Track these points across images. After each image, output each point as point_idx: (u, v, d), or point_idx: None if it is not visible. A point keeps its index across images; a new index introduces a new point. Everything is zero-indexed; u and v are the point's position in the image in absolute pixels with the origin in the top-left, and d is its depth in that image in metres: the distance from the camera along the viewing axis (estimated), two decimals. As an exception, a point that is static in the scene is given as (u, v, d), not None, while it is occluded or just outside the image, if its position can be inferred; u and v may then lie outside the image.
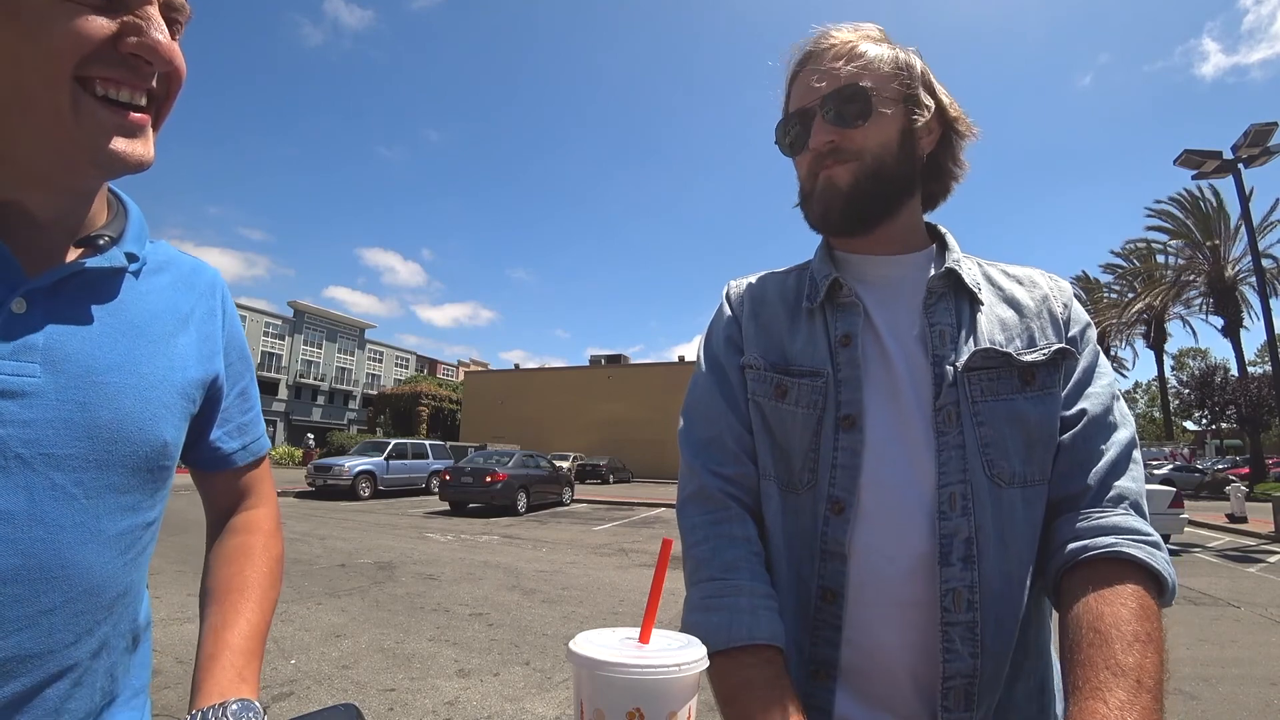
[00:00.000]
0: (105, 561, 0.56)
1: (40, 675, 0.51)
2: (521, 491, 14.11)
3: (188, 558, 7.13)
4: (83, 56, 0.48)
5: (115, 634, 0.59)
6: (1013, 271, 0.80)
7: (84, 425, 0.53)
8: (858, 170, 0.73)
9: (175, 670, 3.71)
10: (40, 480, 0.51)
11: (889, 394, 0.71)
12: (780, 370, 0.75)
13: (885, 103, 0.72)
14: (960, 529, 0.65)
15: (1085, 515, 0.65)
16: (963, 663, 0.63)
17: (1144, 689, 0.51)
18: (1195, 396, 27.46)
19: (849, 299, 0.75)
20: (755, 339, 0.79)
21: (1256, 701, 3.65)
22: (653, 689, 0.52)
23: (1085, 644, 0.55)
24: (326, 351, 60.01)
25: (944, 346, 0.70)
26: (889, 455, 0.69)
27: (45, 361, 0.52)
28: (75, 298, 0.56)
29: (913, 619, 0.66)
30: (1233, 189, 11.89)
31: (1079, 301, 0.78)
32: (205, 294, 0.69)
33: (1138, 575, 0.60)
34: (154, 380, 0.59)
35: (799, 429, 0.72)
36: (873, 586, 0.67)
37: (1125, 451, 0.68)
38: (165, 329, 0.63)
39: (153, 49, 0.51)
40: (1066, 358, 0.70)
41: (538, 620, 5.14)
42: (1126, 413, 0.72)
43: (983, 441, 0.67)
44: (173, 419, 0.62)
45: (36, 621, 0.51)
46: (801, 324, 0.77)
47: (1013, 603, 0.65)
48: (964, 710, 0.63)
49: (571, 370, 44.68)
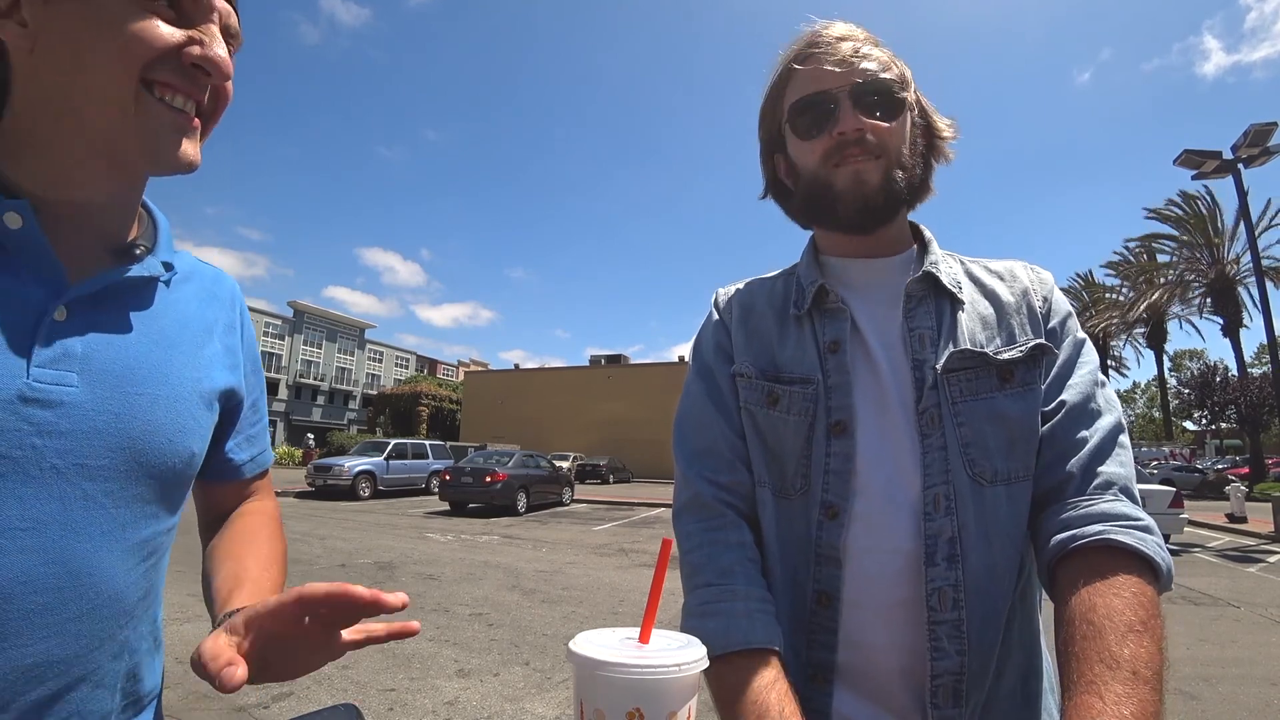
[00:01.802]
0: (130, 568, 0.56)
1: (65, 680, 0.52)
2: (521, 491, 14.10)
3: (188, 558, 7.08)
4: (150, 59, 0.52)
5: (136, 636, 0.60)
6: (994, 267, 0.80)
7: (117, 436, 0.54)
8: (886, 168, 0.72)
9: (175, 670, 3.71)
10: (73, 490, 0.52)
11: (877, 399, 0.72)
12: (771, 378, 0.76)
13: (907, 102, 0.73)
14: (944, 529, 0.66)
15: (1073, 504, 0.64)
16: (950, 660, 0.64)
17: (1140, 680, 0.51)
18: (1195, 396, 27.46)
19: (836, 305, 0.76)
20: (745, 346, 0.79)
21: (1256, 701, 3.65)
22: (653, 689, 0.52)
23: (1079, 636, 0.55)
24: (326, 351, 60.01)
25: (924, 350, 0.71)
26: (879, 459, 0.70)
27: (83, 371, 0.53)
28: (113, 306, 0.57)
29: (903, 619, 0.67)
30: (1233, 189, 11.90)
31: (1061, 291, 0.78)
32: (227, 305, 0.71)
33: (1130, 562, 0.59)
34: (183, 392, 0.60)
35: (791, 435, 0.73)
36: (866, 588, 0.68)
37: (1109, 437, 0.67)
38: (194, 339, 0.64)
39: (213, 61, 0.55)
40: (1045, 353, 0.71)
41: (538, 620, 5.14)
42: (1112, 399, 0.71)
43: (963, 441, 0.68)
44: (200, 430, 0.63)
45: (64, 628, 0.51)
46: (790, 330, 0.78)
47: (998, 599, 0.66)
48: (952, 707, 0.64)
49: (571, 370, 44.69)
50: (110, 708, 0.57)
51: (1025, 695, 0.69)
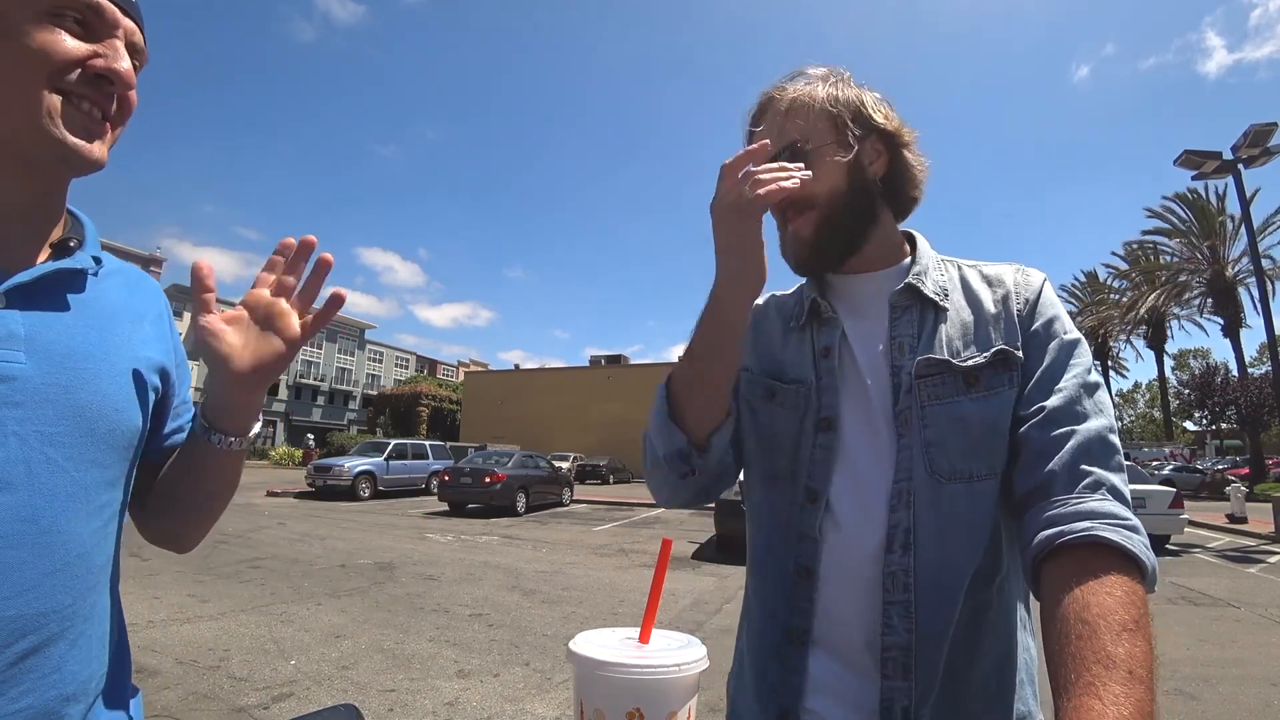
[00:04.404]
0: (93, 530, 0.62)
1: (45, 634, 0.57)
2: (521, 492, 14.10)
3: (187, 558, 7.13)
4: (57, 67, 0.58)
5: (101, 604, 0.64)
6: (987, 272, 0.84)
7: (68, 406, 0.59)
8: (817, 219, 0.80)
9: (175, 671, 3.72)
10: (36, 454, 0.57)
11: (861, 400, 0.79)
12: (772, 376, 0.85)
13: (824, 150, 0.79)
14: (903, 520, 0.72)
15: (1061, 501, 0.65)
16: (899, 636, 0.71)
17: (1136, 679, 0.51)
18: (1195, 397, 27.47)
19: (829, 315, 0.83)
20: (753, 348, 0.89)
21: (1256, 701, 3.66)
22: (653, 689, 0.52)
23: (1074, 635, 0.54)
24: (326, 352, 59.99)
25: (902, 356, 0.77)
26: (858, 454, 0.77)
27: (29, 350, 0.58)
28: (51, 294, 0.62)
29: (866, 597, 0.74)
30: (1233, 189, 11.91)
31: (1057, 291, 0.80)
32: (154, 297, 0.77)
33: (1119, 561, 0.59)
34: (123, 368, 0.66)
35: (783, 427, 0.82)
36: (839, 567, 0.76)
37: (1097, 438, 0.68)
38: (127, 322, 0.70)
39: (116, 73, 0.61)
40: (1007, 358, 0.74)
41: (538, 621, 5.14)
42: (1103, 402, 0.72)
43: (926, 442, 0.73)
44: (142, 402, 0.69)
45: (40, 584, 0.56)
46: (792, 338, 0.87)
47: (948, 588, 0.71)
48: (901, 679, 0.70)
49: (571, 370, 44.67)
50: (89, 672, 0.62)
51: (1000, 685, 0.73)
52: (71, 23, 0.59)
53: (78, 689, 0.60)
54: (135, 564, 6.80)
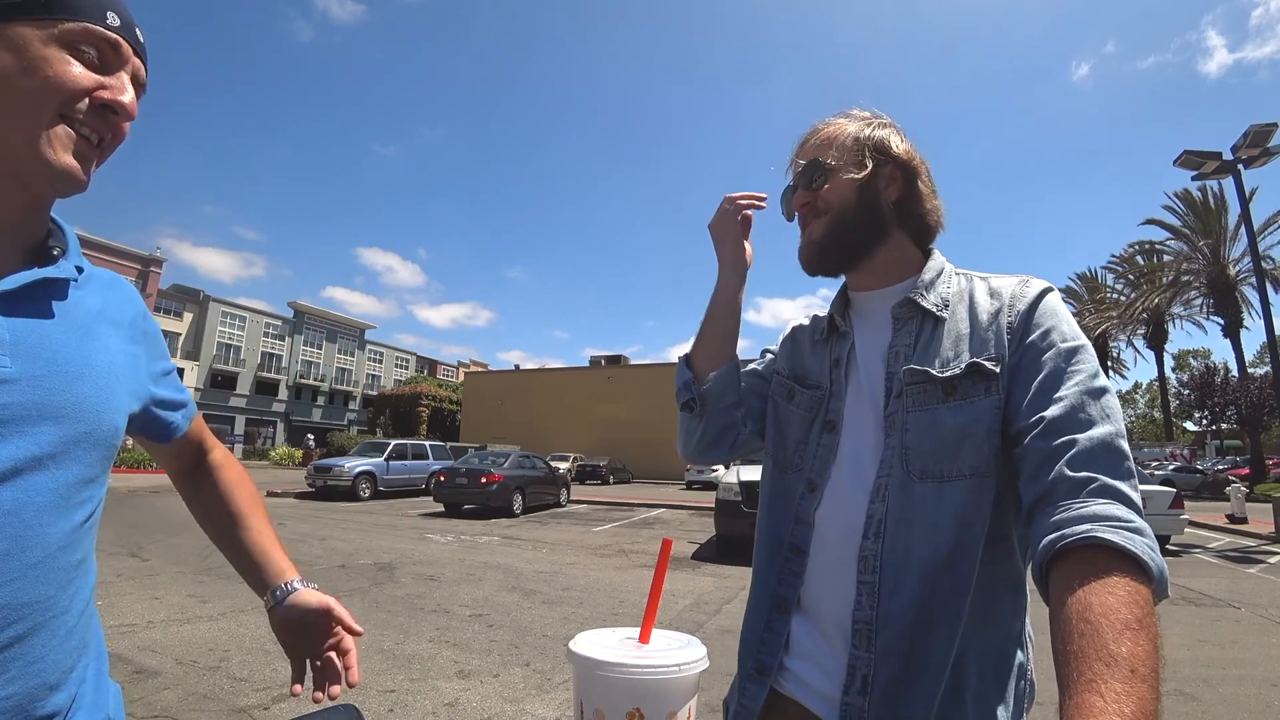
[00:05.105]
0: (73, 525, 0.65)
1: (29, 624, 0.60)
2: (517, 493, 14.02)
3: (187, 558, 7.13)
4: (70, 96, 0.61)
5: (81, 597, 0.67)
6: (993, 284, 0.87)
7: (52, 408, 0.62)
8: (828, 223, 0.91)
9: (175, 671, 3.72)
10: (20, 453, 0.59)
11: (861, 405, 0.89)
12: (795, 380, 0.99)
13: (843, 169, 0.90)
14: (877, 512, 0.81)
15: (1065, 506, 0.66)
16: (864, 613, 0.79)
17: (1138, 677, 0.51)
18: (1195, 397, 27.45)
19: (843, 329, 0.95)
20: (786, 356, 1.05)
21: (1256, 702, 3.66)
22: (653, 689, 0.52)
23: (1076, 635, 0.55)
24: (326, 352, 60.00)
25: (897, 366, 0.86)
26: (853, 453, 0.87)
27: (13, 354, 0.61)
28: (35, 301, 0.65)
29: (844, 576, 0.83)
30: (1233, 189, 11.91)
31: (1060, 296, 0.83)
32: (131, 301, 0.81)
33: (1121, 561, 0.60)
34: (103, 371, 0.69)
35: (797, 425, 0.95)
36: (825, 548, 0.86)
37: (1101, 445, 0.68)
38: (107, 328, 0.73)
39: (122, 104, 0.65)
40: (981, 369, 0.79)
41: (538, 621, 5.14)
42: (1110, 407, 0.72)
43: (904, 445, 0.81)
44: (121, 405, 0.72)
45: (24, 574, 0.59)
46: (816, 350, 1.00)
47: (912, 574, 0.78)
48: (865, 650, 0.79)
49: (571, 371, 44.70)
50: (69, 664, 0.65)
51: (998, 676, 0.77)
52: (89, 56, 0.63)
53: (59, 678, 0.63)
54: (135, 564, 6.80)
